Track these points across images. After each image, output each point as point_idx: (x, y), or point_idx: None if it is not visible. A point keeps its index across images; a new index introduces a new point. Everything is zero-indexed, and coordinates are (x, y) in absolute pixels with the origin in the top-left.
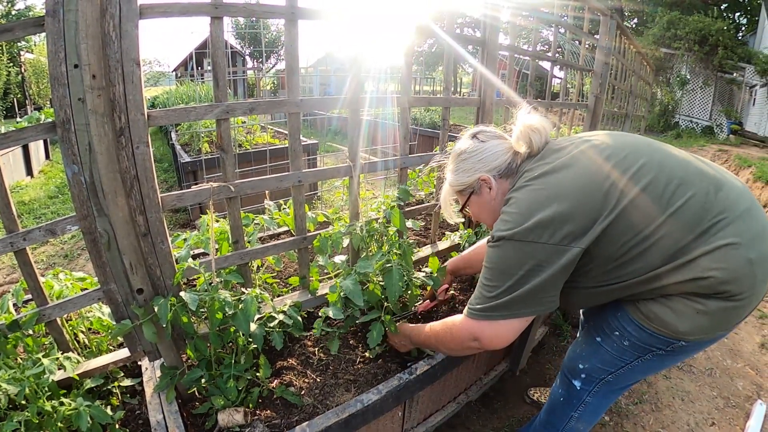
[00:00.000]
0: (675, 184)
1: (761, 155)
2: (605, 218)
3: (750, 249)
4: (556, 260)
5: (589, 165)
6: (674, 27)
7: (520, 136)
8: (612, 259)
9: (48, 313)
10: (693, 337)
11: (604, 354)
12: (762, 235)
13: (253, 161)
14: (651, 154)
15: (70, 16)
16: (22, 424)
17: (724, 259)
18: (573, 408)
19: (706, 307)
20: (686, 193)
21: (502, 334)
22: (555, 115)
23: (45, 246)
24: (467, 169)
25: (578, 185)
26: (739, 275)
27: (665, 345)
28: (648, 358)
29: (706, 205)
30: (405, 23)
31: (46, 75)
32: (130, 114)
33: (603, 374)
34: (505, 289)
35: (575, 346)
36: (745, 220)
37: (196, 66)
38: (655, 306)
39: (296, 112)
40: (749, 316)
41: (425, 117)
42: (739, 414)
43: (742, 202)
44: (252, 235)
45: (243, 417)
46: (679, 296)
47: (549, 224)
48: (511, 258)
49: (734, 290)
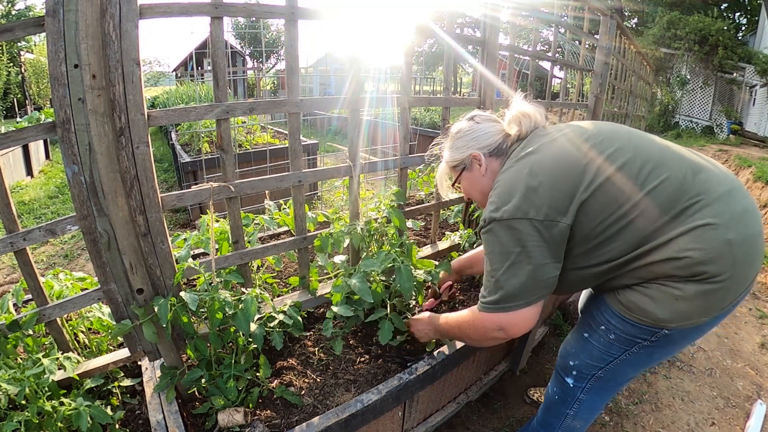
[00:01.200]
0: (651, 165)
1: (761, 155)
2: (582, 193)
3: (728, 230)
4: (546, 234)
5: (567, 145)
6: (674, 27)
7: (512, 119)
8: (591, 238)
9: (48, 313)
10: (674, 325)
11: (592, 349)
12: (742, 217)
13: (253, 161)
14: (628, 138)
15: (70, 16)
16: (22, 424)
17: (701, 240)
18: (568, 406)
19: (683, 292)
20: (662, 175)
21: (523, 321)
22: (555, 115)
23: (45, 246)
24: (461, 146)
25: (556, 162)
26: (717, 255)
27: (649, 335)
28: (635, 351)
29: (683, 187)
30: (405, 23)
31: (46, 75)
32: (130, 114)
33: (593, 370)
34: (508, 267)
35: (566, 344)
36: (725, 201)
37: (196, 66)
38: (634, 295)
39: (296, 112)
40: (749, 316)
41: (425, 117)
42: (739, 414)
43: (723, 185)
44: (252, 235)
45: (243, 417)
46: (657, 283)
47: (532, 201)
48: (505, 237)
49: (712, 271)
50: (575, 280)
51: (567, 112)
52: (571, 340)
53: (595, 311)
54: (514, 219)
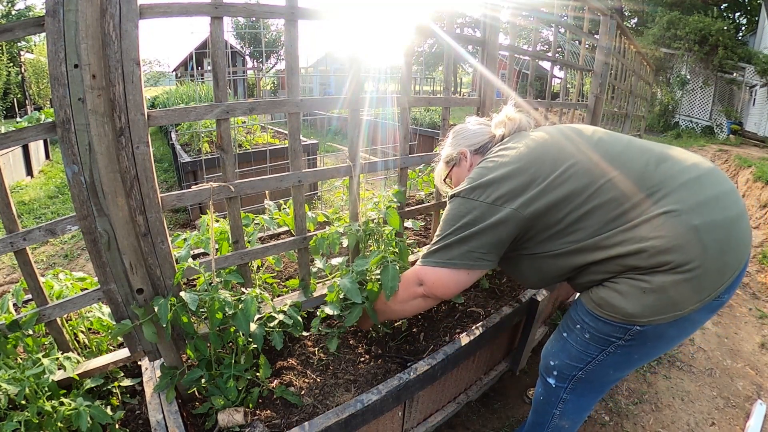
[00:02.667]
0: (611, 156)
1: (761, 155)
2: (540, 184)
3: (693, 215)
4: (488, 217)
5: (535, 139)
6: (674, 27)
7: (499, 122)
8: (554, 223)
9: (48, 313)
10: (645, 320)
11: (570, 349)
12: (712, 203)
13: (253, 161)
14: (592, 133)
15: (70, 16)
16: (22, 424)
17: (662, 227)
18: (553, 406)
19: (650, 284)
20: (624, 165)
21: (443, 281)
22: (555, 115)
23: (45, 246)
24: (454, 144)
25: (521, 154)
26: (681, 243)
27: (622, 333)
28: (612, 350)
29: (645, 176)
30: (405, 23)
31: (46, 75)
32: (130, 114)
33: (573, 370)
34: (446, 235)
35: (547, 344)
36: (690, 187)
37: (196, 66)
38: (604, 291)
39: (296, 112)
40: (749, 316)
41: (425, 117)
42: (739, 414)
43: (688, 172)
44: (252, 235)
45: (243, 417)
46: (625, 277)
47: (487, 186)
48: (454, 210)
49: (677, 260)
50: (545, 269)
51: (567, 112)
52: (552, 339)
53: (572, 310)
54: (467, 199)
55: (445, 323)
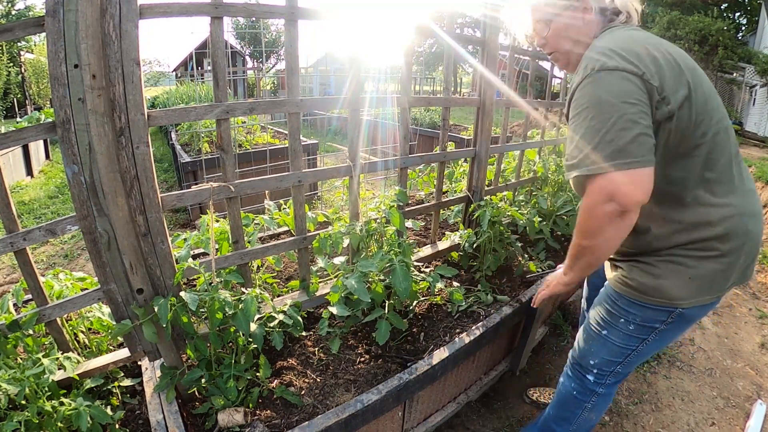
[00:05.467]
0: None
1: (761, 155)
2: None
3: (750, 221)
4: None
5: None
6: (674, 27)
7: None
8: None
9: (48, 313)
10: (688, 302)
11: (611, 346)
12: (758, 218)
13: (253, 161)
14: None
15: (70, 16)
16: (22, 424)
17: (729, 219)
18: (586, 400)
19: (696, 269)
20: (729, 139)
21: (642, 184)
22: (555, 115)
23: (45, 246)
24: None
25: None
26: (738, 243)
27: (665, 316)
28: (651, 339)
29: (733, 162)
30: (405, 23)
31: (46, 75)
32: (130, 114)
33: (613, 366)
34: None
35: (581, 344)
36: (750, 197)
37: (196, 66)
38: (647, 278)
39: (296, 112)
40: (749, 316)
41: (425, 117)
42: (739, 414)
43: (749, 183)
44: (252, 235)
45: (243, 417)
46: (671, 255)
47: (649, 65)
48: (616, 86)
49: (725, 251)
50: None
51: None
52: (586, 339)
53: (610, 306)
54: (630, 73)
55: (445, 323)
